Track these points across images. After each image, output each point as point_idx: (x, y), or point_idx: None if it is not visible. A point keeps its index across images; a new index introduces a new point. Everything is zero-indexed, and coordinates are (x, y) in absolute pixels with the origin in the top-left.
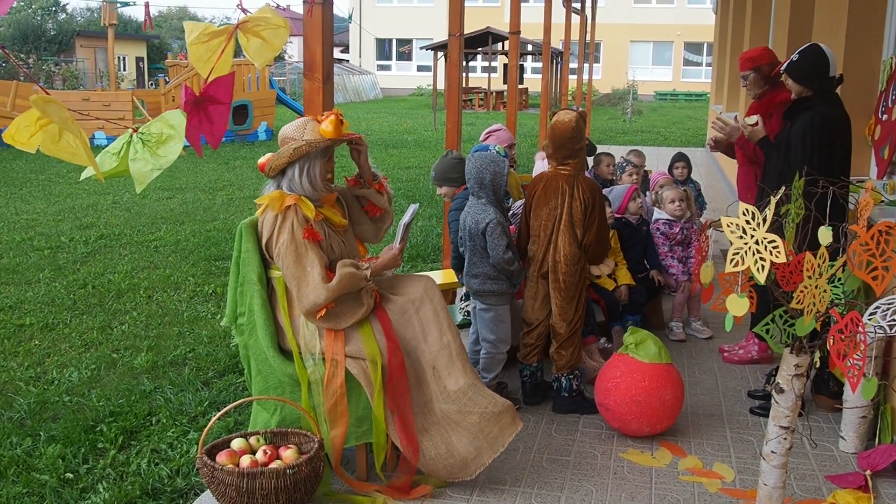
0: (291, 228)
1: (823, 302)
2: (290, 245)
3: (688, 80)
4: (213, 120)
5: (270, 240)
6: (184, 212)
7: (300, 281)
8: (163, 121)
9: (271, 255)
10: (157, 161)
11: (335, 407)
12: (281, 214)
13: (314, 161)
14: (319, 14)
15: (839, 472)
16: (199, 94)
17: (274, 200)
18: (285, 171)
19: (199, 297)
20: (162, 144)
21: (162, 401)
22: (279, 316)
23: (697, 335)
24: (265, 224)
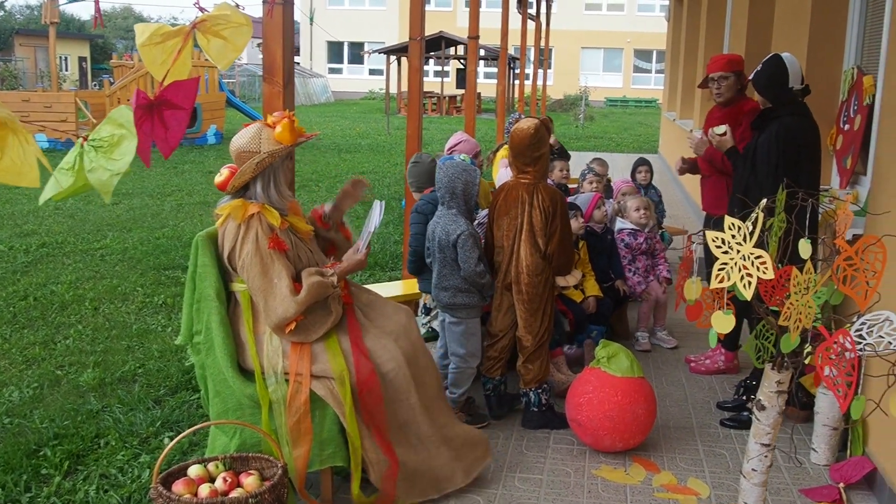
0: (256, 238)
1: (809, 318)
2: (255, 256)
3: (637, 86)
4: (169, 126)
5: (233, 251)
6: (131, 218)
7: (267, 294)
8: (111, 121)
9: (234, 268)
10: (115, 165)
11: (297, 425)
12: (244, 224)
13: (277, 170)
14: (280, 15)
15: (812, 484)
16: (155, 98)
17: (236, 209)
18: (247, 185)
19: (149, 309)
20: (115, 147)
21: (110, 421)
22: (242, 332)
23: (663, 344)
24: (226, 235)
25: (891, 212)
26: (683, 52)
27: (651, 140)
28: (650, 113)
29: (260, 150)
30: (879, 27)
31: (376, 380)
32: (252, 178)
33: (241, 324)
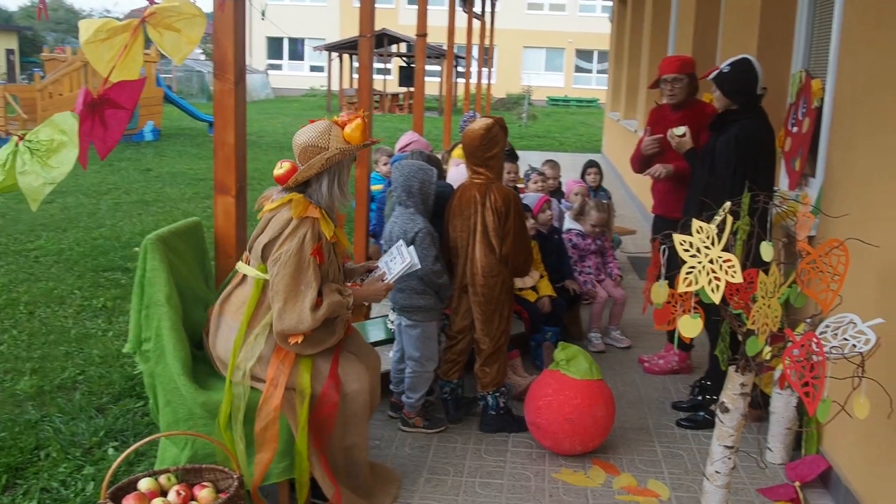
0: (303, 239)
1: (775, 321)
2: (295, 256)
3: (579, 86)
4: (109, 126)
5: (274, 241)
6: (66, 218)
7: (289, 298)
8: (52, 126)
9: (263, 256)
10: (49, 173)
11: (265, 431)
12: (298, 220)
13: (343, 169)
14: (231, 10)
15: (768, 483)
16: (98, 97)
17: (299, 203)
18: (309, 181)
19: (88, 313)
20: (53, 153)
21: (51, 431)
22: (233, 316)
23: (616, 344)
24: (274, 222)
25: (849, 214)
26: (627, 54)
27: (594, 140)
28: (591, 113)
29: (329, 147)
30: (827, 31)
31: (335, 409)
32: (317, 174)
33: (235, 308)
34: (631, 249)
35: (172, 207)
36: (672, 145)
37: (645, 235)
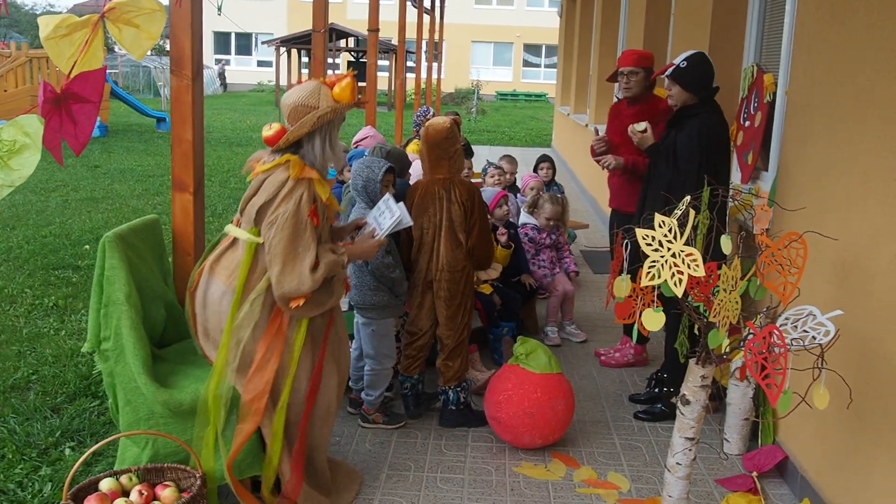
0: (299, 200)
1: (735, 314)
2: (293, 218)
3: (527, 80)
4: (77, 120)
5: (269, 203)
6: (13, 215)
7: (286, 261)
8: (16, 126)
9: (256, 219)
10: (9, 175)
11: (252, 402)
12: (294, 181)
13: (334, 128)
14: (189, 5)
15: (725, 474)
16: (61, 91)
17: (295, 164)
18: (300, 142)
19: (39, 311)
20: (15, 155)
21: (5, 432)
22: (226, 281)
23: (572, 338)
24: (268, 183)
25: (805, 208)
26: (577, 48)
27: (544, 134)
28: (540, 107)
29: (319, 106)
30: (779, 26)
31: (314, 400)
32: (309, 133)
33: (228, 271)
34: (583, 243)
35: (122, 204)
36: (634, 141)
37: (596, 229)
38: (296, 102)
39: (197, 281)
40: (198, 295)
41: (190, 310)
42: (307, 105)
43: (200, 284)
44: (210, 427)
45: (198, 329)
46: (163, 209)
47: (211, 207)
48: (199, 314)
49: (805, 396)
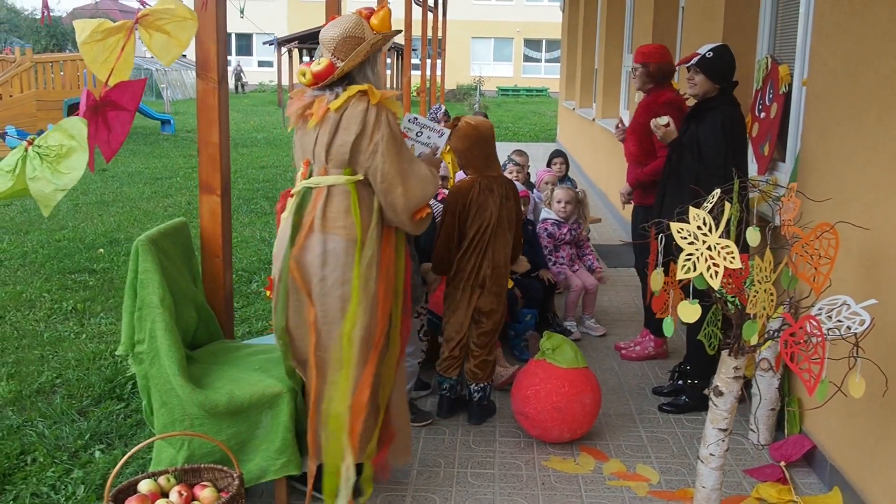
0: (388, 121)
1: (771, 305)
2: (392, 139)
3: (528, 75)
4: (112, 128)
5: (360, 136)
6: (26, 220)
7: (405, 177)
8: (61, 130)
9: (351, 159)
10: (61, 179)
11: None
12: (375, 107)
13: (379, 57)
14: (213, 9)
15: (753, 464)
16: (101, 99)
17: (371, 91)
18: (349, 75)
19: (58, 316)
20: (63, 158)
21: (34, 436)
22: (342, 235)
23: (591, 333)
24: (347, 120)
25: (832, 198)
26: (581, 42)
27: (547, 129)
28: (542, 102)
29: (365, 37)
30: (793, 17)
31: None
32: (361, 63)
33: (341, 221)
34: (595, 238)
35: (133, 207)
36: (657, 136)
37: (608, 223)
38: (343, 34)
39: (302, 239)
40: (310, 258)
41: (297, 276)
42: (356, 36)
43: (311, 246)
44: (343, 369)
45: (312, 291)
46: (173, 211)
47: None
48: (316, 274)
49: (841, 385)
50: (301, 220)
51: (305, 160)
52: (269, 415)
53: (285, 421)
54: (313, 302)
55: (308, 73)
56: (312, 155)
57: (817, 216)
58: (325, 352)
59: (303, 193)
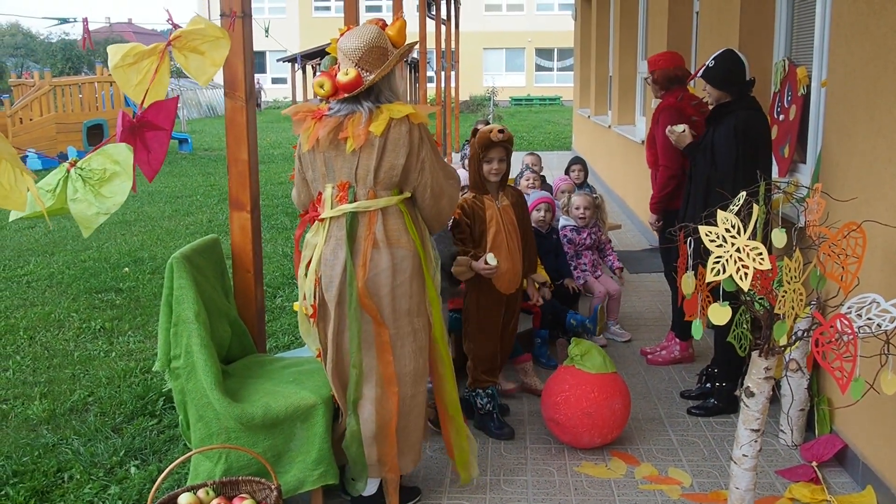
0: (429, 139)
1: (801, 305)
2: (433, 152)
3: (540, 84)
4: (151, 148)
5: (411, 156)
6: (51, 241)
7: (448, 185)
8: (105, 155)
9: (401, 181)
10: (103, 203)
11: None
12: (417, 126)
13: (397, 68)
14: (240, 29)
15: (784, 465)
16: (137, 120)
17: (413, 114)
18: (374, 87)
19: (87, 335)
20: (106, 183)
21: (70, 454)
22: (405, 247)
23: (617, 339)
24: (393, 143)
25: (857, 198)
26: (595, 50)
27: (562, 137)
28: (555, 110)
29: (388, 47)
30: (807, 19)
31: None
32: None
33: (397, 237)
34: (616, 244)
35: (155, 226)
36: (672, 140)
37: (628, 229)
38: (369, 44)
39: (365, 262)
40: (380, 272)
41: (362, 294)
42: (381, 47)
43: (379, 261)
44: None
45: (383, 306)
46: (195, 229)
47: None
48: (385, 286)
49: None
50: (355, 244)
51: (342, 182)
52: (304, 427)
53: (321, 432)
54: (384, 322)
55: (328, 83)
56: (354, 177)
57: (842, 216)
58: (403, 367)
59: (350, 218)
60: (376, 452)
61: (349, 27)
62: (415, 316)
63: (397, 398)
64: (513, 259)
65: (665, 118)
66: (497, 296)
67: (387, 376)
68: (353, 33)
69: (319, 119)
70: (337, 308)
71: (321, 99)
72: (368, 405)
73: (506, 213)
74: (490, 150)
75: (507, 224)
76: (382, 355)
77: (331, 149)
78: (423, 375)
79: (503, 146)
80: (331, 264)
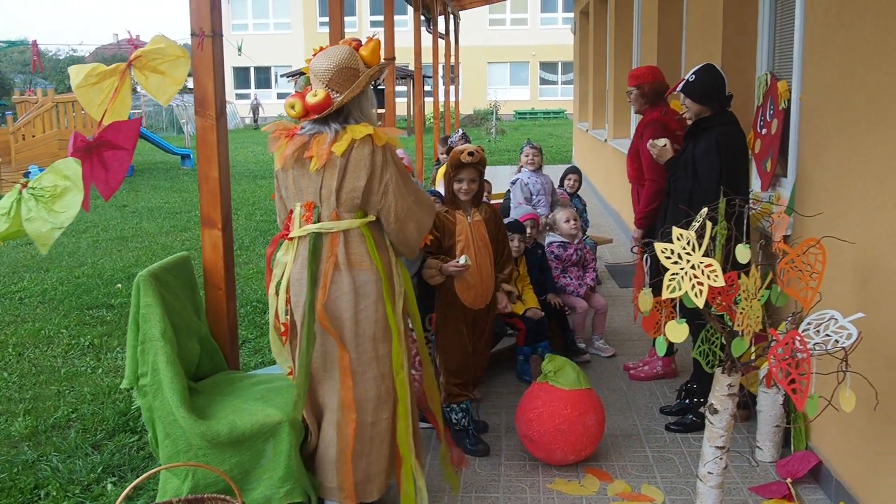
0: (394, 159)
1: (757, 321)
2: (399, 176)
3: (545, 98)
4: (110, 166)
5: (372, 179)
6: (47, 258)
7: (415, 209)
8: (55, 171)
9: (363, 202)
10: (56, 218)
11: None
12: (381, 148)
13: (370, 89)
14: (210, 48)
15: (759, 481)
16: (94, 140)
17: (377, 135)
18: (344, 108)
19: (76, 351)
20: (58, 199)
21: (49, 470)
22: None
23: (601, 353)
24: (354, 165)
25: (823, 213)
26: (592, 63)
27: (563, 150)
28: (559, 124)
29: (360, 68)
30: (789, 33)
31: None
32: (356, 97)
33: (360, 259)
34: (608, 258)
35: (151, 242)
36: (653, 155)
37: (620, 244)
38: (339, 65)
39: (327, 286)
40: (341, 295)
41: (321, 317)
42: (351, 67)
43: (341, 283)
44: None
45: (344, 330)
46: (191, 244)
47: (238, 241)
48: (347, 310)
49: (831, 399)
50: (319, 266)
51: (308, 202)
52: (272, 444)
53: (287, 449)
54: (346, 346)
55: (298, 104)
56: (318, 197)
57: (816, 231)
58: (364, 393)
59: (313, 239)
60: (336, 478)
61: (321, 48)
62: (380, 341)
63: (355, 424)
64: (481, 274)
65: (650, 132)
66: (462, 309)
67: (346, 402)
68: (325, 54)
69: (291, 138)
70: (301, 329)
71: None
72: (330, 429)
73: (476, 229)
74: (461, 171)
75: (478, 240)
76: (343, 380)
77: (297, 168)
78: (388, 402)
79: (474, 167)
80: (299, 284)
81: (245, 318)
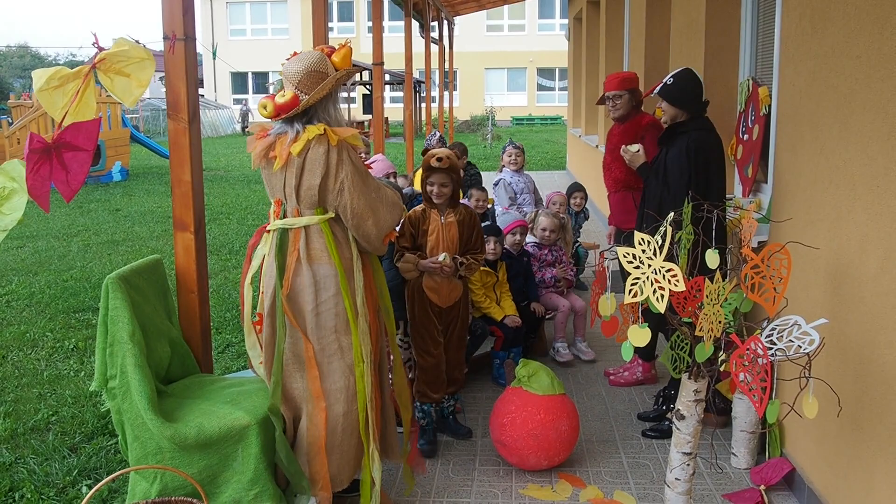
0: (351, 158)
1: (720, 327)
2: (356, 174)
3: (542, 104)
4: (70, 168)
5: (327, 177)
6: (36, 261)
7: (374, 207)
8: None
9: (320, 199)
10: (2, 220)
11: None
12: (336, 147)
13: (338, 94)
14: (182, 51)
15: (733, 488)
16: (53, 141)
17: (329, 132)
18: (310, 109)
19: (60, 354)
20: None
21: (25, 473)
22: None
23: (582, 356)
24: (310, 163)
25: (793, 218)
26: (585, 70)
27: (558, 157)
28: (556, 130)
29: (328, 72)
30: (771, 39)
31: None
32: (323, 98)
33: (321, 253)
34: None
35: (141, 246)
36: (626, 159)
37: None
38: (308, 69)
39: (290, 278)
40: (303, 288)
41: (291, 315)
42: (320, 71)
43: (303, 277)
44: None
45: (307, 322)
46: None
47: (228, 245)
48: (308, 303)
49: (794, 405)
50: (285, 259)
51: (276, 199)
52: (241, 447)
53: (256, 452)
54: (308, 338)
55: (270, 105)
56: (283, 195)
57: (789, 236)
58: (332, 384)
59: (280, 233)
60: (309, 469)
61: (295, 53)
62: (342, 334)
63: (325, 414)
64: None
65: (652, 135)
66: (431, 306)
67: (314, 392)
68: (297, 58)
69: (262, 138)
70: (268, 318)
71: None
72: (304, 420)
73: (448, 230)
74: (431, 175)
75: (448, 240)
76: (310, 370)
77: (267, 167)
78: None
79: (445, 172)
80: (269, 275)
81: (230, 322)
